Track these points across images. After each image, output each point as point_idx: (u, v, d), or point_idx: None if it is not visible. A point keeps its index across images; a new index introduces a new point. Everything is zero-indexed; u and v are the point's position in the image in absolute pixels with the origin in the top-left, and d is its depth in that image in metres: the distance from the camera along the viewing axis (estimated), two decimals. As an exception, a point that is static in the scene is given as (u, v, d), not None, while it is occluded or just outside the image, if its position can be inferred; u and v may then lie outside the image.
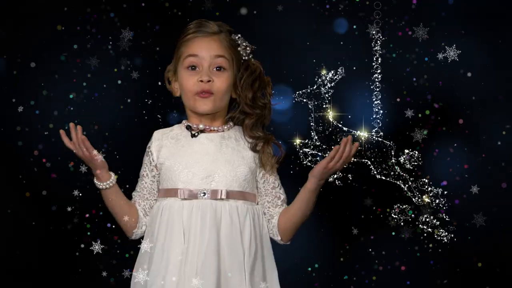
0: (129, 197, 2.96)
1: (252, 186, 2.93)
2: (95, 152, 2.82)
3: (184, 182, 2.87)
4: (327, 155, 2.85)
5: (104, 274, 3.78)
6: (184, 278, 2.80)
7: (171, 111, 3.86)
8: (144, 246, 2.89)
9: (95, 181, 2.89)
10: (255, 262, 2.86)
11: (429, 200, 3.41)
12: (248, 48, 2.97)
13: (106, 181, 2.89)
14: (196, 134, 2.93)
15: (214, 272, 2.79)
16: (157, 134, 2.98)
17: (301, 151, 3.38)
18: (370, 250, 4.04)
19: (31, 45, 3.98)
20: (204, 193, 2.86)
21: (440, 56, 3.71)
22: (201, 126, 2.93)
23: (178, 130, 2.97)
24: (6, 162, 4.02)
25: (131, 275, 2.94)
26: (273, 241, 2.95)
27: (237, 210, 2.87)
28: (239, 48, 2.95)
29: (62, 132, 2.82)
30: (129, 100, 4.01)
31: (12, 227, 4.03)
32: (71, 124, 2.81)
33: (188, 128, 2.94)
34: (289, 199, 3.00)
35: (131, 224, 2.95)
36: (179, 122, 2.99)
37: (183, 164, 2.88)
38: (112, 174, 2.89)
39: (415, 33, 3.69)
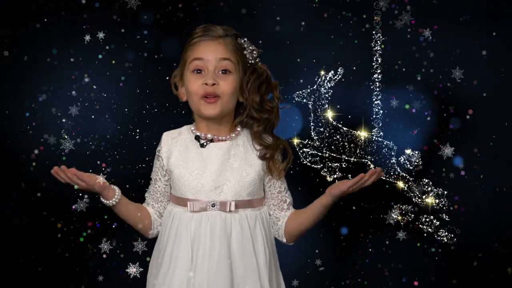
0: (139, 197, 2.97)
1: (260, 191, 2.93)
2: (83, 184, 2.84)
3: (193, 192, 2.88)
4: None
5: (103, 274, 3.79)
6: None
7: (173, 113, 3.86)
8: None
9: (102, 199, 2.91)
10: (271, 265, 2.88)
11: (430, 201, 3.41)
12: (254, 52, 2.96)
13: (112, 198, 2.90)
14: (205, 144, 2.92)
15: (228, 283, 2.79)
16: (166, 138, 2.97)
17: (301, 151, 3.38)
18: (370, 250, 4.04)
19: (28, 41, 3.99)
20: (213, 205, 2.86)
21: (441, 52, 3.72)
22: (209, 136, 2.92)
23: (187, 135, 2.96)
24: (4, 161, 4.02)
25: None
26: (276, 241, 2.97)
27: (247, 219, 2.87)
28: (245, 52, 2.94)
29: (53, 172, 2.83)
30: (133, 98, 4.01)
31: (12, 227, 4.03)
32: (54, 171, 2.81)
33: (197, 138, 2.93)
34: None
35: (146, 228, 2.97)
36: (189, 122, 2.99)
37: (193, 175, 2.88)
38: (117, 189, 2.90)
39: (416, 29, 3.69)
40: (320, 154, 3.36)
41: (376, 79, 3.49)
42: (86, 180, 2.83)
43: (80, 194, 3.26)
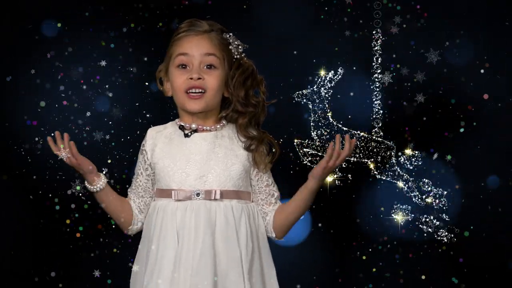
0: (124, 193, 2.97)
1: (246, 184, 2.93)
2: (79, 158, 2.84)
3: (177, 182, 2.87)
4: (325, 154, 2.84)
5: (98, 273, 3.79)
6: (178, 279, 2.81)
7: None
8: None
9: (86, 184, 2.90)
10: (253, 261, 2.86)
11: (430, 200, 3.41)
12: (240, 47, 2.96)
13: (97, 184, 2.90)
14: (189, 134, 2.92)
15: (210, 272, 2.79)
16: (151, 132, 2.98)
17: (301, 151, 3.38)
18: (370, 250, 4.04)
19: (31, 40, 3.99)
20: (198, 194, 2.86)
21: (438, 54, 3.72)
22: (193, 126, 2.92)
23: (171, 129, 2.96)
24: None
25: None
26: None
27: (232, 210, 2.87)
28: (230, 47, 2.94)
29: (49, 139, 2.82)
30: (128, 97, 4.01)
31: (9, 226, 4.03)
32: (57, 133, 2.81)
33: (181, 128, 2.93)
34: (288, 199, 3.00)
35: (126, 223, 2.96)
36: (174, 119, 2.99)
37: (177, 164, 2.88)
38: (102, 176, 2.90)
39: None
40: (320, 154, 3.36)
41: (376, 79, 3.49)
42: (77, 157, 2.82)
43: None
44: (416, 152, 3.42)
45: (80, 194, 3.04)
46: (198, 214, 2.83)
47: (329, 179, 3.30)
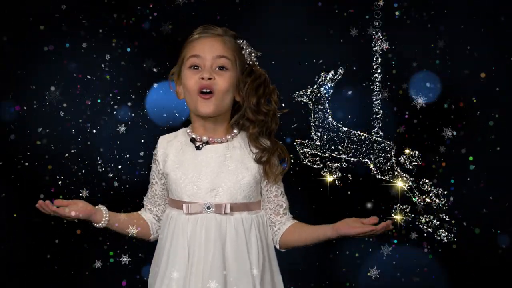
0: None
1: (256, 194, 2.93)
2: (71, 213, 2.86)
3: (189, 195, 2.88)
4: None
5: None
6: None
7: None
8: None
9: (93, 224, 2.93)
10: (264, 272, 2.87)
11: (429, 200, 3.41)
12: (253, 54, 2.96)
13: (101, 220, 2.92)
14: (201, 146, 2.92)
15: (221, 285, 2.79)
16: (162, 141, 2.98)
17: (301, 151, 3.37)
18: (370, 250, 4.04)
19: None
20: (209, 207, 2.85)
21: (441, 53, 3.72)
22: (204, 138, 2.91)
23: (182, 138, 2.96)
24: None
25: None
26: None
27: (242, 223, 2.87)
28: (243, 52, 2.94)
29: (38, 206, 2.86)
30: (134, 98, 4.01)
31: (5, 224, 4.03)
32: (38, 204, 2.85)
33: (193, 140, 2.93)
34: (290, 202, 3.00)
35: (144, 235, 3.00)
36: (185, 125, 2.99)
37: (188, 177, 2.88)
38: (103, 210, 2.91)
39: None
40: (320, 154, 3.36)
41: (376, 79, 3.48)
42: (68, 214, 2.85)
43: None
44: (416, 152, 3.42)
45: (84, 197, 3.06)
46: (209, 227, 2.83)
47: (329, 179, 3.30)
